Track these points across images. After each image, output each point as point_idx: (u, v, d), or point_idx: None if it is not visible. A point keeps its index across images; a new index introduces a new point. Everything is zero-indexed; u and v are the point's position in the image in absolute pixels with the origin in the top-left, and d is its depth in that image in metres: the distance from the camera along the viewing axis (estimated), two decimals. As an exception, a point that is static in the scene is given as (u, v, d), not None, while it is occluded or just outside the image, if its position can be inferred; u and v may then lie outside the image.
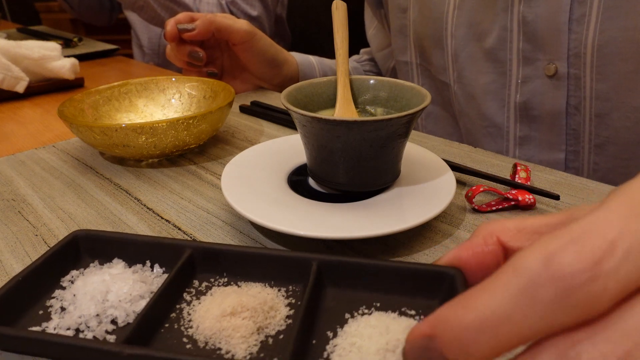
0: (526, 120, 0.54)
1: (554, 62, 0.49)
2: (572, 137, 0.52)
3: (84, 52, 0.96)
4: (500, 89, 0.55)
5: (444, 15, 0.57)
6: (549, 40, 0.49)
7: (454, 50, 0.57)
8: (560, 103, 0.51)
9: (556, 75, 0.50)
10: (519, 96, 0.53)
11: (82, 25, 2.07)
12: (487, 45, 0.54)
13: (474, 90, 0.57)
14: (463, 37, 0.56)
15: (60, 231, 0.33)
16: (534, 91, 0.52)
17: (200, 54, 0.59)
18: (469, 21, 0.55)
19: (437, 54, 0.60)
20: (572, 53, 0.48)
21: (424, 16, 0.60)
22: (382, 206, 0.31)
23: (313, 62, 0.71)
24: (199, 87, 0.53)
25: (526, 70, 0.52)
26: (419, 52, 0.64)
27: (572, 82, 0.49)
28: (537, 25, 0.49)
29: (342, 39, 0.38)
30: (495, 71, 0.54)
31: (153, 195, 0.38)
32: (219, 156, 0.46)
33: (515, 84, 0.53)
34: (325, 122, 0.29)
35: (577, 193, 0.37)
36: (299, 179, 0.36)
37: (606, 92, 0.47)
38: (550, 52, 0.49)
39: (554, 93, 0.51)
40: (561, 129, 0.52)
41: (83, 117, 0.46)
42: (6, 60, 0.66)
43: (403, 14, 0.64)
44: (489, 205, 0.34)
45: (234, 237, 0.32)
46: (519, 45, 0.51)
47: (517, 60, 0.52)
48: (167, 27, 0.57)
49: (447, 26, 0.57)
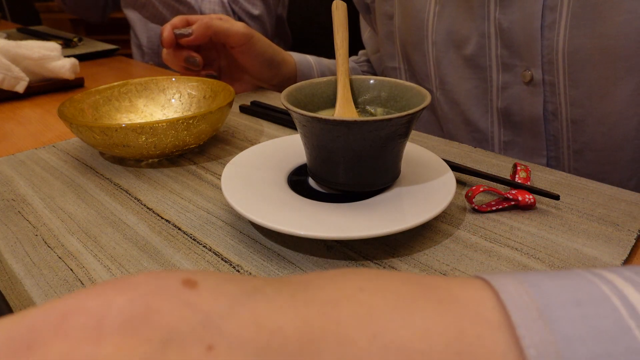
0: (509, 126, 0.55)
1: (529, 69, 0.50)
2: (552, 142, 0.52)
3: (84, 52, 0.96)
4: (483, 95, 0.55)
5: (424, 22, 0.57)
6: (524, 47, 0.49)
7: (435, 57, 0.57)
8: (537, 109, 0.51)
9: (532, 82, 0.50)
10: (500, 102, 0.54)
11: (82, 25, 2.07)
12: (468, 51, 0.54)
13: (457, 96, 0.57)
14: (443, 44, 0.56)
15: (60, 231, 0.33)
16: (514, 97, 0.53)
17: (196, 60, 0.58)
18: (448, 28, 0.55)
19: (420, 60, 0.60)
20: (545, 60, 0.48)
21: (406, 23, 0.60)
22: (382, 206, 0.31)
23: (311, 62, 0.71)
24: (199, 87, 0.53)
25: (505, 76, 0.53)
26: (405, 58, 0.65)
27: (548, 88, 0.49)
28: (513, 31, 0.49)
29: (342, 39, 0.38)
30: (477, 77, 0.55)
31: (153, 195, 0.38)
32: (219, 156, 0.46)
33: (496, 90, 0.54)
34: (325, 122, 0.29)
35: (577, 193, 0.37)
36: (299, 179, 0.36)
37: (580, 99, 0.48)
38: (526, 58, 0.50)
39: (532, 99, 0.51)
40: (541, 134, 0.52)
41: (83, 117, 0.46)
42: (6, 60, 0.66)
43: (390, 21, 0.64)
44: (489, 205, 0.34)
45: (234, 237, 0.32)
46: (497, 51, 0.52)
47: (496, 67, 0.53)
48: (164, 33, 0.57)
49: (427, 33, 0.57)
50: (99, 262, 0.30)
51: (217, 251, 0.31)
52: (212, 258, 0.30)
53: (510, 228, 0.32)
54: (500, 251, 0.30)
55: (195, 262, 0.30)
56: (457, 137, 0.60)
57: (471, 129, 0.58)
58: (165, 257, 0.30)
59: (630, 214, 0.34)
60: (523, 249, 0.30)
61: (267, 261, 0.30)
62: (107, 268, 0.29)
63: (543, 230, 0.32)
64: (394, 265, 0.29)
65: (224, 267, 0.29)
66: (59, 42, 0.99)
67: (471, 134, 0.58)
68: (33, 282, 0.28)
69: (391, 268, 0.29)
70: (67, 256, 0.31)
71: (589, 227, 0.32)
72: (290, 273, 0.28)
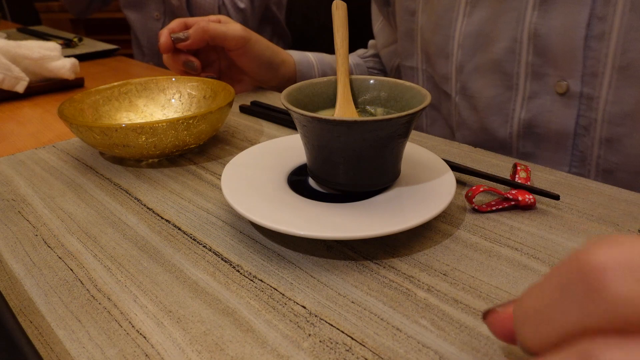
0: (531, 137, 0.52)
1: (565, 79, 0.47)
2: (578, 159, 0.49)
3: (84, 52, 0.96)
4: (505, 103, 0.52)
5: (452, 22, 0.54)
6: (562, 56, 0.46)
7: (459, 61, 0.55)
8: (568, 123, 0.48)
9: (567, 94, 0.47)
10: (525, 112, 0.51)
11: (82, 25, 2.07)
12: (494, 56, 0.51)
13: (477, 103, 0.55)
14: (470, 47, 0.53)
15: (60, 231, 0.33)
16: (541, 108, 0.49)
17: (194, 64, 0.58)
18: (477, 30, 0.52)
19: (442, 62, 0.57)
20: (588, 71, 0.45)
21: (432, 22, 0.57)
22: (382, 206, 0.31)
23: (312, 62, 0.71)
24: (199, 87, 0.53)
25: (534, 85, 0.49)
26: (425, 58, 0.61)
27: (584, 101, 0.46)
28: (550, 39, 0.46)
29: (342, 38, 0.38)
30: (502, 84, 0.52)
31: (153, 195, 0.38)
32: (219, 156, 0.46)
33: (522, 99, 0.51)
34: (325, 122, 0.29)
35: (577, 193, 0.37)
36: (299, 179, 0.36)
37: (620, 117, 0.45)
38: (562, 68, 0.47)
39: (563, 112, 0.48)
40: (567, 149, 0.50)
41: (83, 117, 0.46)
42: (6, 60, 0.66)
43: (411, 17, 0.61)
44: (489, 205, 0.34)
45: (234, 237, 0.32)
46: (528, 58, 0.48)
47: (525, 74, 0.49)
48: (161, 38, 0.57)
49: (454, 34, 0.54)
50: (99, 262, 0.30)
51: (217, 251, 0.31)
52: (212, 258, 0.30)
53: (510, 228, 0.32)
54: (500, 251, 0.30)
55: (195, 262, 0.30)
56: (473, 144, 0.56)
57: (488, 137, 0.55)
58: (165, 257, 0.30)
59: (631, 214, 0.34)
60: (523, 249, 0.30)
61: (267, 261, 0.30)
62: (107, 268, 0.29)
63: (543, 230, 0.32)
64: (394, 265, 0.29)
65: (224, 267, 0.29)
66: (59, 42, 0.99)
67: (488, 142, 0.55)
68: (33, 282, 0.28)
69: (391, 268, 0.29)
70: (67, 256, 0.31)
71: (589, 227, 0.32)
72: (290, 273, 0.28)
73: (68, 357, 0.23)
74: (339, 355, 0.23)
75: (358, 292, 0.27)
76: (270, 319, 0.25)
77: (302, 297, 0.26)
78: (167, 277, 0.28)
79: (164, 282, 0.28)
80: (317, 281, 0.28)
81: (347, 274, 0.28)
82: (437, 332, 0.24)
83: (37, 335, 0.24)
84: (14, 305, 0.27)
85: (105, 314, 0.26)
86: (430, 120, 0.67)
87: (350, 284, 0.27)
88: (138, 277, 0.28)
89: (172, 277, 0.28)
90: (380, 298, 0.26)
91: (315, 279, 0.28)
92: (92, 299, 0.27)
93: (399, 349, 0.23)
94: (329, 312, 0.25)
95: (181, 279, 0.28)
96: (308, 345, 0.23)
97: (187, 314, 0.25)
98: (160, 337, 0.24)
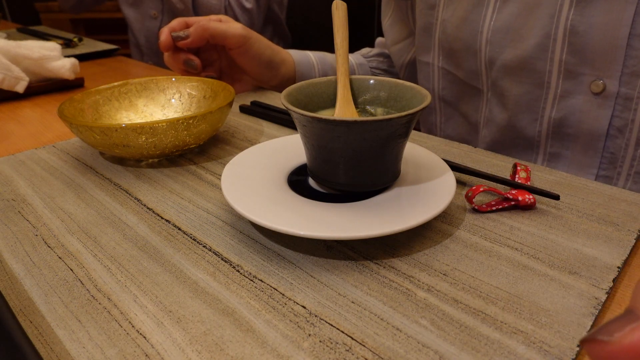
0: (559, 137, 0.51)
1: (602, 79, 0.45)
2: (608, 161, 0.48)
3: (84, 52, 0.96)
4: (535, 101, 0.51)
5: (480, 16, 0.52)
6: (600, 55, 0.45)
7: (489, 57, 0.53)
8: (602, 123, 0.47)
9: (603, 93, 0.46)
10: (555, 111, 0.50)
11: (82, 25, 2.07)
12: (525, 53, 0.49)
13: (506, 100, 0.53)
14: (499, 44, 0.51)
15: (60, 231, 0.33)
16: (573, 107, 0.48)
17: (194, 63, 0.58)
18: (507, 26, 0.50)
19: (469, 59, 0.56)
20: (628, 71, 0.44)
21: (458, 17, 0.55)
22: (382, 206, 0.31)
23: (313, 62, 0.71)
24: (199, 87, 0.53)
25: (567, 84, 0.48)
26: (445, 54, 0.60)
27: (621, 102, 0.45)
28: (588, 36, 0.44)
29: (342, 39, 0.38)
30: (532, 82, 0.50)
31: (153, 195, 0.38)
32: (219, 156, 0.46)
33: (553, 98, 0.49)
34: (325, 122, 0.29)
35: (577, 193, 0.37)
36: (299, 179, 0.36)
37: None
38: (599, 67, 0.45)
39: (597, 112, 0.47)
40: (597, 150, 0.48)
41: (83, 117, 0.46)
42: (6, 60, 0.66)
43: (430, 11, 0.59)
44: (489, 205, 0.34)
45: (234, 237, 0.32)
46: (562, 56, 0.47)
47: (557, 72, 0.48)
48: (162, 36, 0.57)
49: (482, 30, 0.52)
50: (99, 262, 0.30)
51: (217, 251, 0.31)
52: (212, 258, 0.30)
53: (510, 228, 0.32)
54: (500, 251, 0.30)
55: (195, 262, 0.30)
56: (500, 141, 0.56)
57: (515, 135, 0.54)
58: (165, 257, 0.30)
59: (630, 214, 0.34)
60: (523, 249, 0.30)
61: (267, 261, 0.30)
62: (107, 268, 0.29)
63: (543, 230, 0.32)
64: (394, 265, 0.29)
65: (224, 267, 0.29)
66: (59, 42, 0.99)
67: (515, 140, 0.54)
68: (33, 282, 0.28)
69: (391, 268, 0.29)
70: (67, 256, 0.31)
71: (589, 227, 0.32)
72: (290, 273, 0.28)
73: (68, 357, 0.23)
74: (339, 355, 0.23)
75: (358, 292, 0.27)
76: (270, 319, 0.25)
77: (302, 297, 0.27)
78: (167, 277, 0.28)
79: (164, 282, 0.28)
80: (317, 281, 0.28)
81: (347, 274, 0.28)
82: (437, 332, 0.24)
83: (37, 335, 0.24)
84: (14, 305, 0.27)
85: (105, 314, 0.26)
86: (445, 117, 0.65)
87: (350, 284, 0.27)
88: (138, 277, 0.28)
89: (172, 277, 0.28)
90: (380, 298, 0.26)
91: (315, 279, 0.28)
92: (92, 299, 0.27)
93: (399, 349, 0.23)
94: (329, 312, 0.25)
95: (181, 279, 0.28)
96: (308, 345, 0.23)
97: (187, 314, 0.25)
98: (160, 337, 0.24)
